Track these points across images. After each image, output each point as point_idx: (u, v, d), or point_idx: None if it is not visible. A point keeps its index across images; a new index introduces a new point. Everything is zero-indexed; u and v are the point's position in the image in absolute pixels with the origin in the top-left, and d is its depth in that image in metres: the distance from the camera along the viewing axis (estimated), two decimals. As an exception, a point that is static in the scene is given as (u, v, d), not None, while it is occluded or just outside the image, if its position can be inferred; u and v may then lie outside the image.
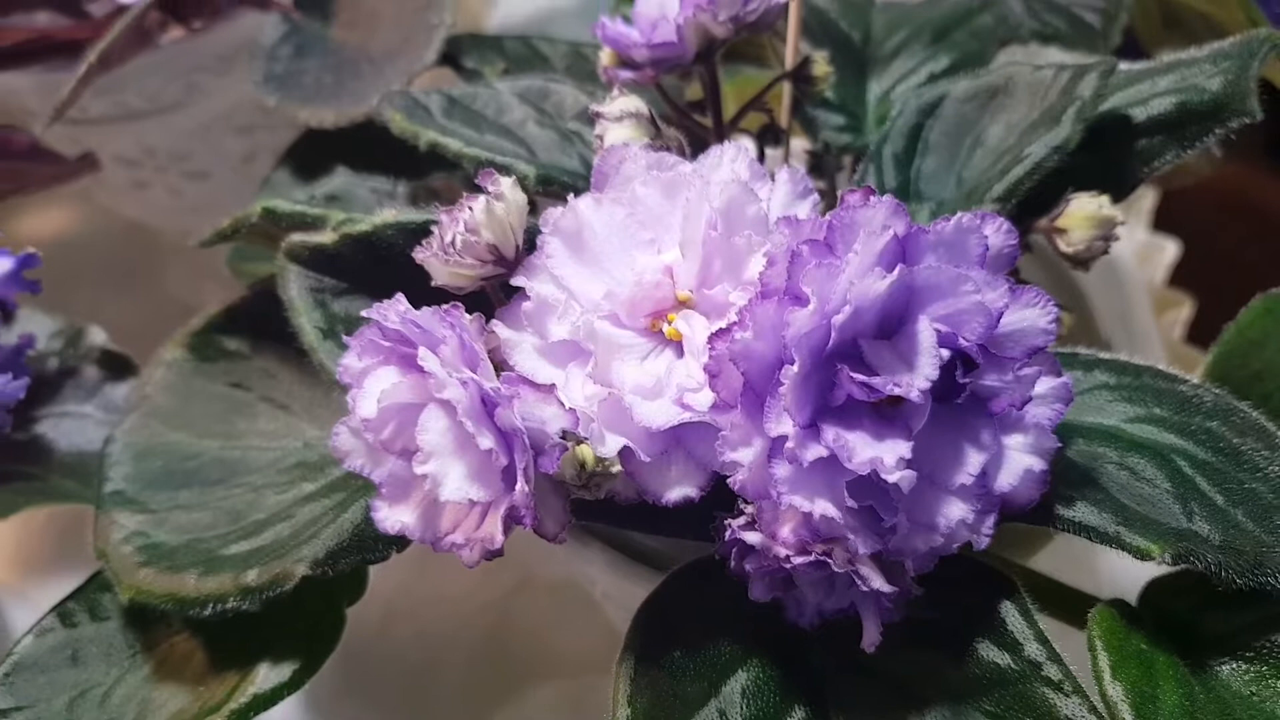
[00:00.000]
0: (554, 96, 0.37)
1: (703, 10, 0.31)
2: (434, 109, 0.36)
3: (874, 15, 0.41)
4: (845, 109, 0.38)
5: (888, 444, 0.22)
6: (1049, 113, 0.30)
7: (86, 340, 0.41)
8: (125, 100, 0.58)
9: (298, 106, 0.44)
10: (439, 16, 0.41)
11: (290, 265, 0.31)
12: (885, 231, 0.23)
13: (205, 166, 0.63)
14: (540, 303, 0.26)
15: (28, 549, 0.62)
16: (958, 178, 0.33)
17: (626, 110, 0.29)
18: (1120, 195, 0.32)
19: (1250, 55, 0.31)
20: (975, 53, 0.38)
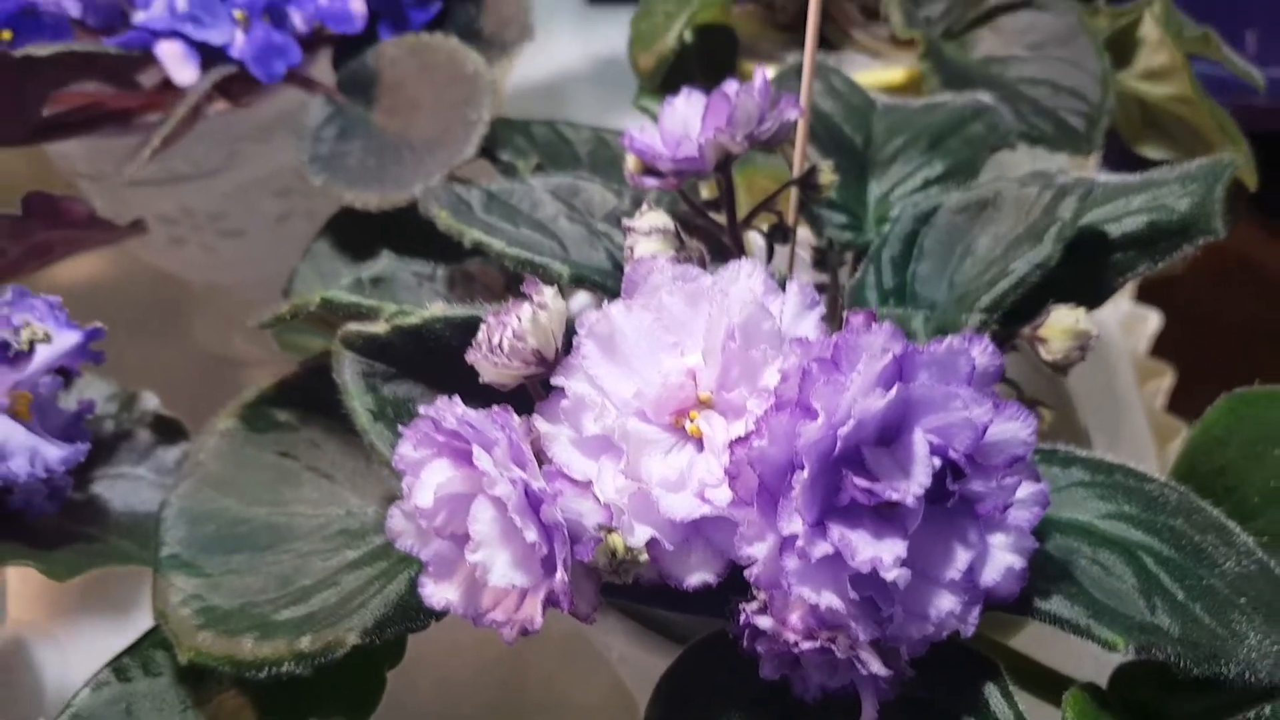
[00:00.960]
0: (583, 194, 0.41)
1: (721, 132, 0.35)
2: (475, 204, 0.40)
3: (875, 120, 0.45)
4: (847, 209, 0.42)
5: (886, 543, 0.26)
6: (1032, 229, 0.34)
7: (140, 405, 0.44)
8: (170, 165, 0.61)
9: (343, 188, 0.47)
10: (477, 113, 0.45)
11: (345, 352, 0.34)
12: (885, 354, 0.26)
13: (240, 225, 0.67)
14: (576, 400, 0.30)
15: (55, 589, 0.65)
16: (950, 282, 0.36)
17: (654, 226, 0.32)
18: (1097, 303, 0.36)
19: (1215, 179, 0.35)
20: (967, 160, 0.41)
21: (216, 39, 0.49)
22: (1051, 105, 0.48)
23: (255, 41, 0.50)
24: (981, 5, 0.52)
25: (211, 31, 0.49)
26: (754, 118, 0.36)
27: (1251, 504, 0.34)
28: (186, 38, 0.49)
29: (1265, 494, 0.34)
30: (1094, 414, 0.66)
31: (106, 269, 0.85)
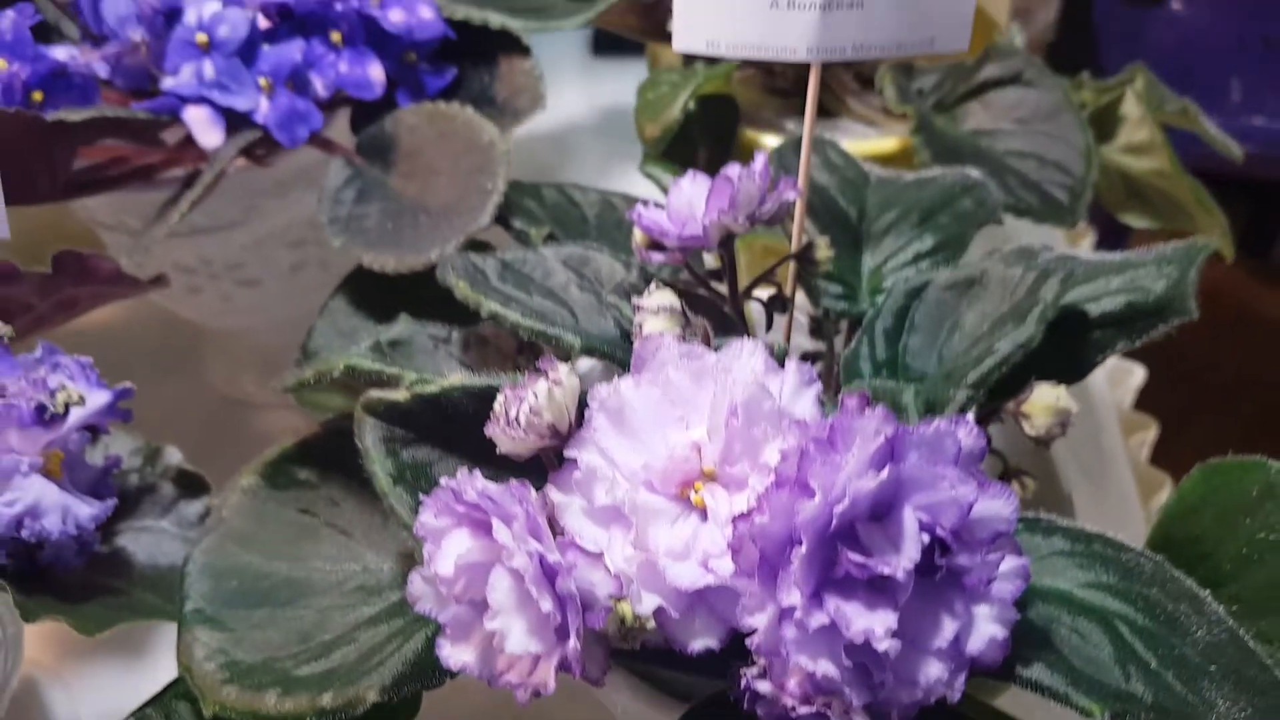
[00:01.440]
0: (592, 263, 0.43)
1: (724, 214, 0.37)
2: (490, 273, 0.42)
3: (869, 193, 0.47)
4: (843, 280, 0.44)
5: (879, 615, 0.27)
6: (1017, 310, 0.36)
7: (163, 459, 0.45)
8: (190, 219, 0.63)
9: (362, 250, 0.49)
10: (493, 182, 0.47)
11: (368, 418, 0.36)
12: (878, 436, 0.28)
13: (256, 275, 0.69)
14: (588, 472, 0.31)
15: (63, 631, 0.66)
16: (939, 355, 0.38)
17: (662, 305, 0.35)
18: (1077, 378, 0.38)
19: (1189, 263, 0.37)
20: (956, 236, 0.44)
21: (242, 105, 0.52)
22: (1037, 179, 0.50)
23: (279, 108, 0.52)
24: (971, 80, 0.54)
25: (237, 98, 0.52)
26: (755, 200, 0.38)
27: (1224, 570, 0.36)
28: (213, 103, 0.52)
29: (1237, 561, 0.36)
30: (1080, 466, 0.68)
31: (120, 311, 0.87)
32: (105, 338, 0.86)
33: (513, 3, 0.58)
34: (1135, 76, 0.55)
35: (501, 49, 0.58)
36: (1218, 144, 0.54)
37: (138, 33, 0.53)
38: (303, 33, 0.55)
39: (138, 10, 0.53)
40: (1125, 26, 2.05)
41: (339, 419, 0.42)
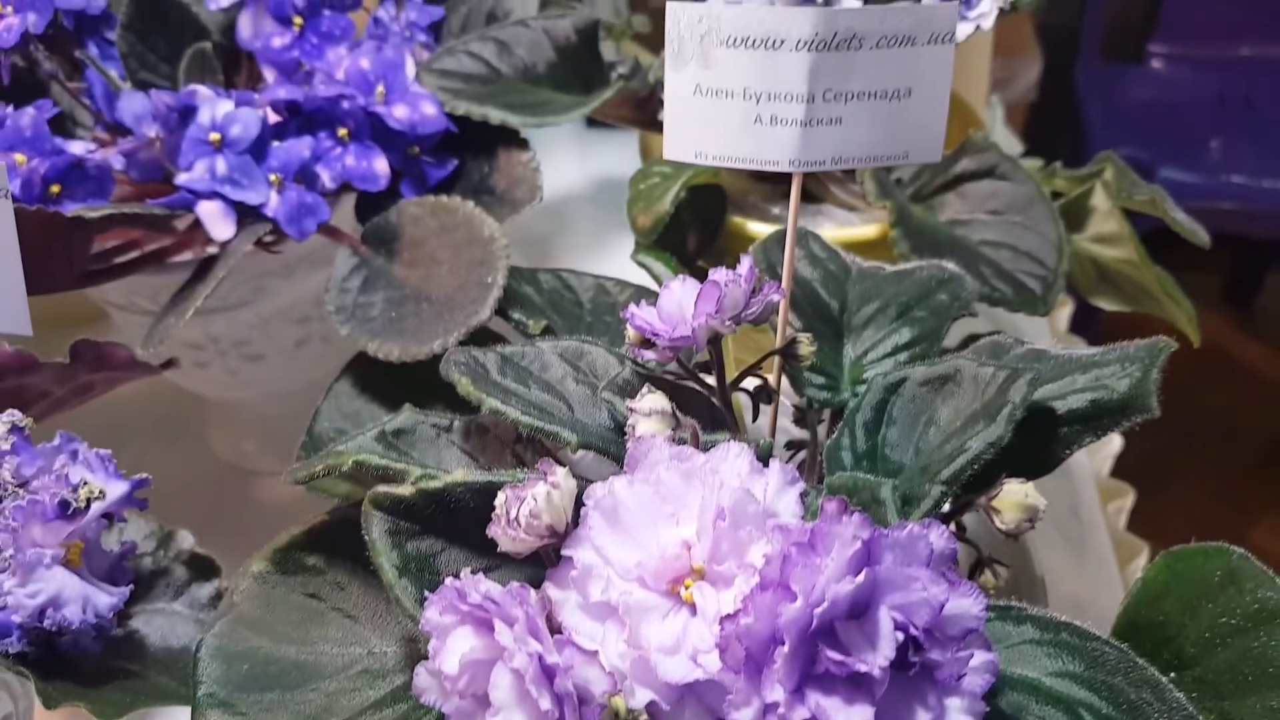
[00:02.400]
0: (587, 357, 0.45)
1: (712, 317, 0.40)
2: (490, 367, 0.44)
3: (850, 286, 0.50)
4: (825, 371, 0.46)
5: (856, 709, 0.29)
6: (988, 408, 0.38)
7: (176, 543, 0.47)
8: (199, 301, 0.66)
9: (366, 340, 0.52)
10: (493, 276, 0.49)
11: (374, 511, 0.38)
12: (855, 541, 0.30)
13: (262, 351, 0.71)
14: (584, 570, 0.33)
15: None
16: (916, 448, 0.41)
17: (653, 408, 0.37)
18: (1047, 470, 0.40)
19: (1152, 363, 0.40)
20: (932, 329, 0.46)
21: (253, 199, 0.54)
22: (1011, 269, 0.53)
23: (288, 202, 0.55)
24: (948, 172, 0.57)
25: (249, 193, 0.54)
26: (740, 303, 0.41)
27: (1188, 654, 0.38)
28: (225, 198, 0.54)
29: (1200, 644, 0.38)
30: (1060, 533, 0.70)
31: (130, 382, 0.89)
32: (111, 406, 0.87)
33: (511, 98, 0.61)
34: (1105, 166, 0.58)
35: (501, 142, 0.61)
36: (1184, 231, 0.56)
37: (153, 129, 0.56)
38: (311, 128, 0.58)
39: (153, 108, 0.56)
40: (1106, 84, 2.11)
41: (345, 507, 0.44)
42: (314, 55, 0.63)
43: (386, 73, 0.60)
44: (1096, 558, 0.68)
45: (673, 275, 0.56)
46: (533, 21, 0.64)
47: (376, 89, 0.59)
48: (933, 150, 0.43)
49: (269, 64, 0.62)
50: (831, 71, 0.40)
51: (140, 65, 0.68)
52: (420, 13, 0.67)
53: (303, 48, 0.64)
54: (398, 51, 0.60)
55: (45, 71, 0.64)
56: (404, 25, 0.67)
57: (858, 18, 0.40)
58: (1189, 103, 2.06)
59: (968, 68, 0.84)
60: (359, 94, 0.58)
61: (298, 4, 0.63)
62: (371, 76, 0.59)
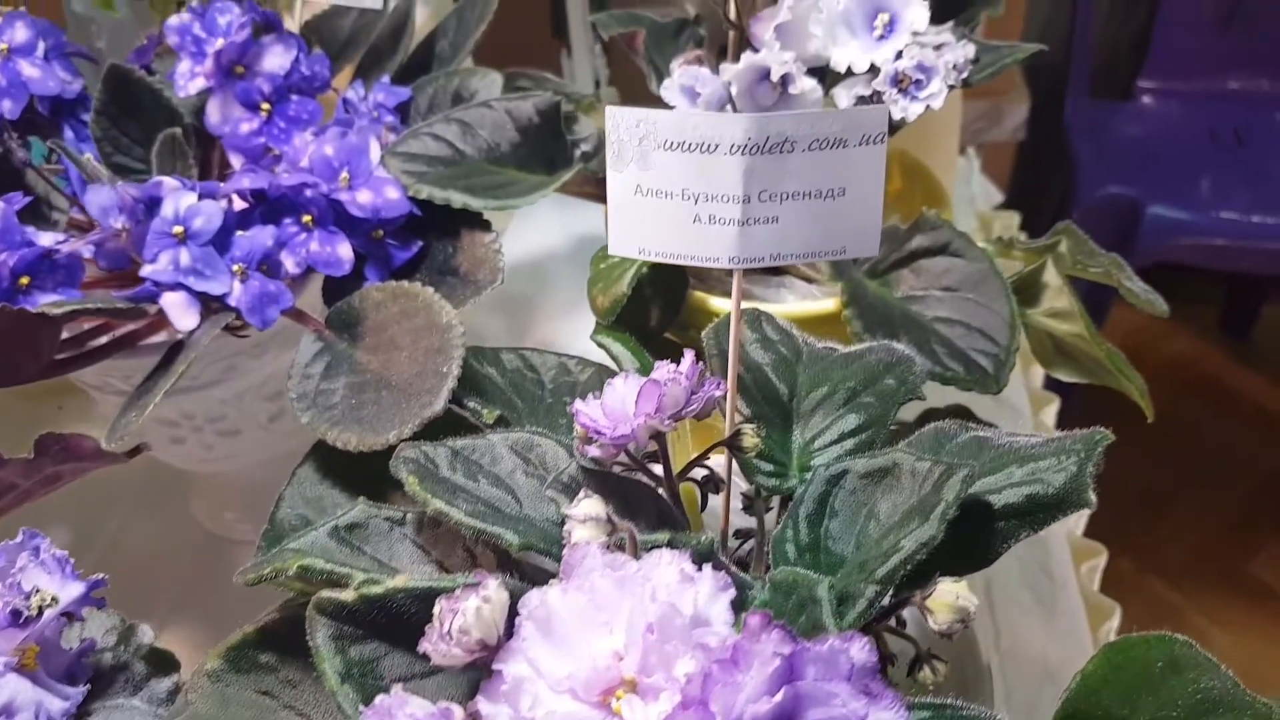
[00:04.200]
0: (538, 449, 0.46)
1: (651, 417, 0.40)
2: (440, 462, 0.45)
3: (801, 370, 0.50)
4: (774, 458, 0.47)
5: (777, 829, 0.29)
6: (924, 504, 0.39)
7: (136, 638, 0.48)
8: (171, 381, 0.66)
9: (327, 428, 0.52)
10: (448, 366, 0.50)
11: (318, 616, 0.39)
12: (776, 657, 0.31)
13: (237, 426, 0.72)
14: (514, 683, 0.34)
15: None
16: (857, 541, 0.41)
17: (589, 514, 0.37)
18: (985, 564, 0.40)
19: (1088, 457, 0.40)
20: (879, 415, 0.47)
21: (216, 290, 0.55)
22: (964, 346, 0.53)
23: (251, 292, 0.56)
24: (903, 249, 0.58)
25: (212, 283, 0.55)
26: (681, 401, 0.41)
27: (1129, 750, 0.38)
28: (189, 289, 0.55)
29: (1141, 738, 0.38)
30: (1032, 594, 0.70)
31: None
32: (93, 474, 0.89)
33: (474, 180, 0.62)
34: (1061, 238, 0.58)
35: (464, 223, 0.62)
36: (1140, 302, 0.57)
37: (119, 221, 0.57)
38: (276, 214, 0.59)
39: (119, 201, 0.57)
40: (1096, 121, 2.12)
41: (296, 604, 0.44)
42: (281, 140, 0.65)
43: (351, 158, 0.61)
44: (1068, 618, 0.68)
45: (631, 356, 0.57)
46: (496, 103, 0.65)
47: (341, 175, 0.60)
48: (869, 245, 0.43)
49: (235, 151, 0.63)
50: (766, 173, 0.41)
51: (114, 149, 0.70)
52: (388, 94, 0.69)
53: (270, 132, 0.65)
54: (362, 137, 0.61)
55: (19, 160, 0.66)
56: (372, 106, 0.69)
57: (789, 123, 0.40)
58: (1179, 138, 2.08)
59: (937, 126, 0.85)
60: (323, 181, 0.60)
61: (264, 90, 0.64)
62: (336, 162, 0.61)
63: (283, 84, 0.65)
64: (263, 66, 0.65)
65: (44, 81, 0.68)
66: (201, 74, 0.63)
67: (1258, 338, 2.48)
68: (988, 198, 1.12)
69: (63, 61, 0.72)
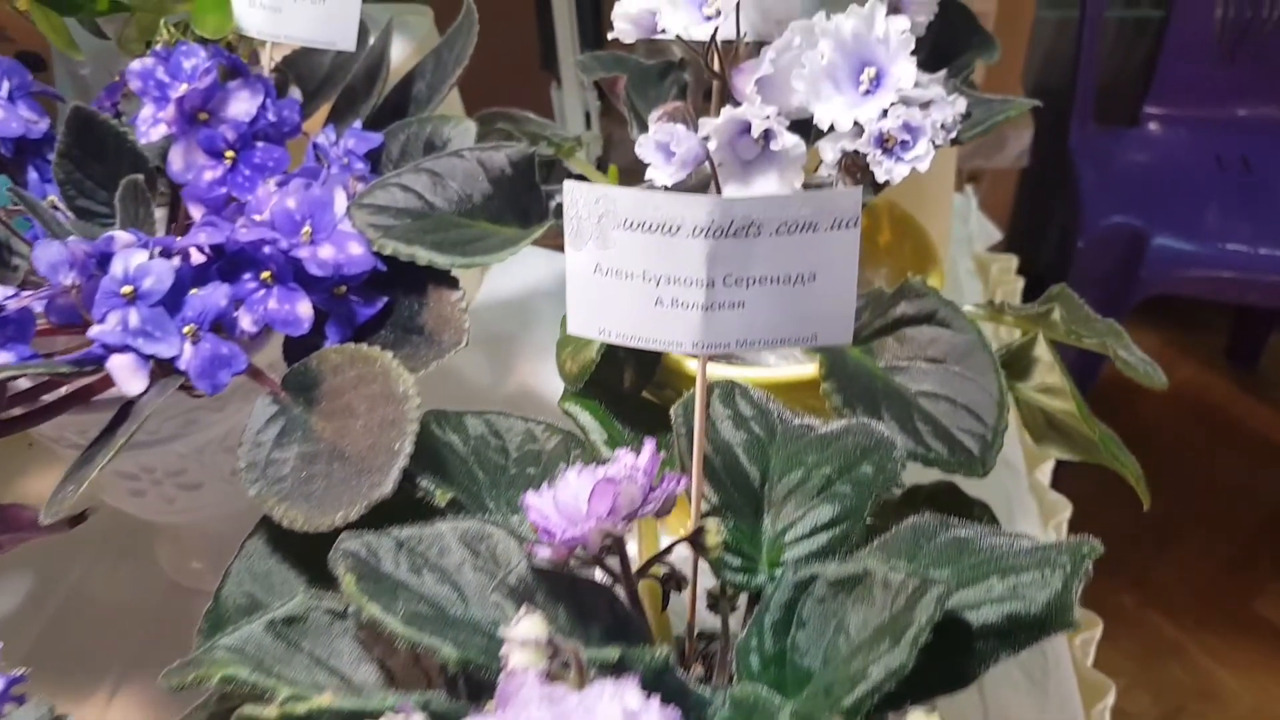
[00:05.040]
0: (489, 540, 0.43)
1: (603, 520, 0.37)
2: (384, 554, 0.42)
3: (774, 451, 0.47)
4: (741, 551, 0.44)
5: None
6: (896, 623, 0.36)
7: (62, 731, 0.45)
8: (125, 436, 0.64)
9: (274, 502, 0.50)
10: (400, 442, 0.47)
11: (241, 734, 0.36)
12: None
13: (198, 479, 0.69)
14: (443, 826, 0.31)
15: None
16: (825, 656, 0.38)
17: (528, 637, 0.35)
18: (961, 686, 0.37)
19: (1073, 571, 0.37)
20: (855, 506, 0.44)
21: (166, 352, 0.53)
22: (948, 424, 0.50)
23: (202, 355, 0.53)
24: (887, 316, 0.55)
25: (161, 345, 0.53)
26: (637, 500, 0.38)
27: None
28: (137, 351, 0.53)
29: None
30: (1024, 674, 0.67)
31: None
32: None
33: (442, 235, 0.59)
34: (1054, 306, 0.56)
35: (431, 279, 0.59)
36: (1138, 375, 0.54)
37: (69, 277, 0.55)
38: (235, 270, 0.57)
39: (69, 256, 0.54)
40: (1101, 148, 2.09)
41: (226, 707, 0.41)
42: (245, 188, 0.62)
43: (314, 212, 0.58)
44: (1060, 699, 0.65)
45: (599, 427, 0.54)
46: (468, 153, 0.62)
47: (303, 228, 0.58)
48: (842, 332, 0.41)
49: (195, 201, 0.61)
50: (731, 257, 0.39)
51: (78, 192, 0.68)
52: (359, 140, 0.66)
53: (234, 181, 0.63)
54: (326, 190, 0.58)
55: (-26, 207, 0.63)
56: (343, 152, 0.66)
57: (755, 206, 0.38)
58: (1185, 165, 2.04)
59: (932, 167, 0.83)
60: (284, 235, 0.57)
61: (228, 137, 0.62)
62: (298, 216, 0.58)
63: (248, 131, 0.62)
64: (228, 112, 0.63)
65: (7, 122, 0.66)
66: (164, 120, 0.61)
67: (1265, 367, 2.44)
68: (986, 236, 1.09)
69: (28, 101, 0.70)
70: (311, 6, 0.65)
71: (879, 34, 0.54)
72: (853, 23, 0.54)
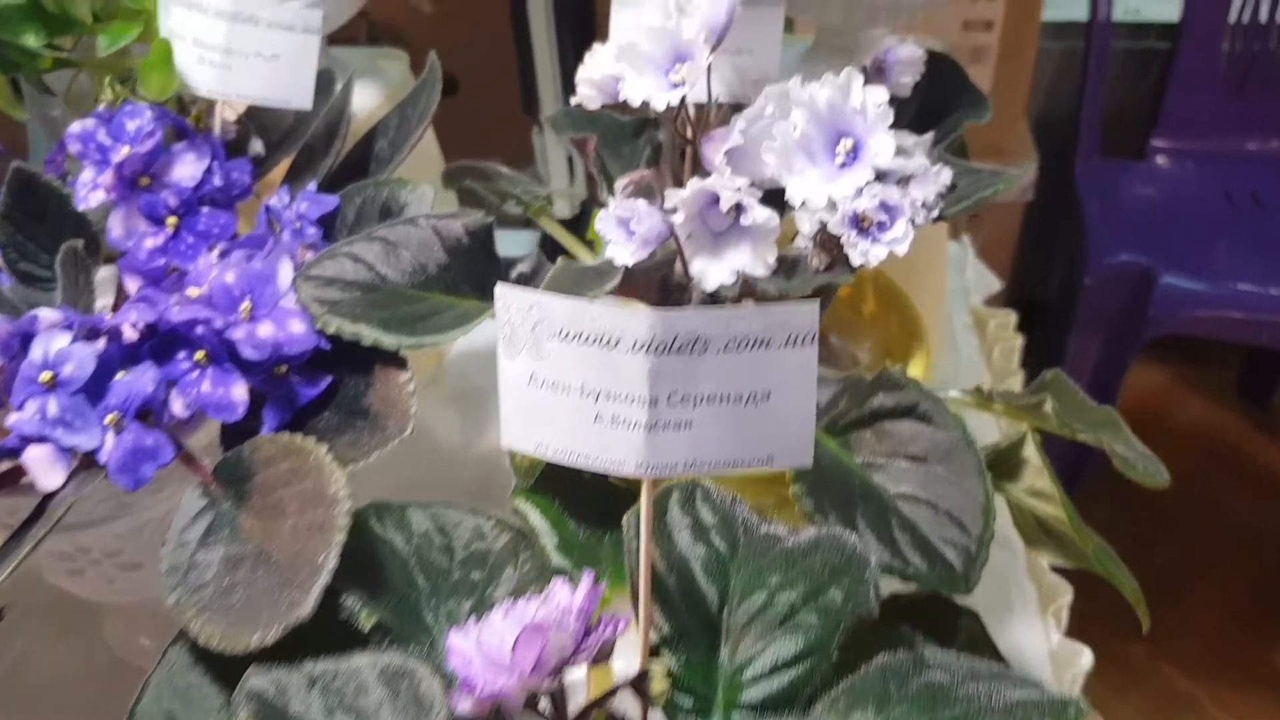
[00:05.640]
0: (410, 679, 0.39)
1: (528, 676, 0.33)
2: (293, 693, 0.38)
3: (735, 570, 0.43)
4: (695, 690, 0.40)
5: None
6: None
7: None
8: (58, 518, 0.60)
9: (193, 614, 0.46)
10: (324, 556, 0.44)
11: None
12: None
13: (137, 560, 0.65)
14: None
15: None
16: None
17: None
18: None
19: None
20: (822, 639, 0.39)
21: (86, 444, 0.49)
22: (929, 534, 0.46)
23: (123, 447, 0.49)
24: (864, 407, 0.51)
25: (81, 436, 0.49)
26: (568, 649, 0.34)
27: None
28: (56, 443, 0.49)
29: None
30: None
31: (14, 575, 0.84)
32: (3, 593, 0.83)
33: (392, 310, 0.55)
34: (1046, 397, 0.51)
35: (379, 358, 0.55)
36: (1138, 474, 0.50)
37: (-12, 359, 0.51)
38: (168, 349, 0.53)
39: (-11, 338, 0.51)
40: (1107, 181, 2.05)
41: None
42: (188, 257, 0.59)
43: (254, 287, 0.54)
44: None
45: (551, 529, 0.50)
46: (423, 220, 0.58)
47: (242, 304, 0.54)
48: (802, 455, 0.37)
49: (131, 273, 0.57)
50: (675, 374, 0.35)
51: (20, 255, 0.64)
52: (312, 204, 0.63)
53: (176, 249, 0.59)
54: (269, 262, 0.55)
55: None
56: (295, 216, 0.62)
57: (700, 321, 0.34)
58: (1194, 200, 2.00)
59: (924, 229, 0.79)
60: (220, 313, 0.53)
61: (170, 203, 0.58)
62: (237, 291, 0.54)
63: (192, 196, 0.59)
64: (172, 176, 0.59)
65: (-56, 183, 0.63)
66: (102, 186, 0.57)
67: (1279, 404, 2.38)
68: (985, 286, 1.05)
69: (-32, 158, 0.66)
70: (264, 64, 0.61)
71: (856, 104, 0.50)
72: (828, 92, 0.51)
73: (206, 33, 0.59)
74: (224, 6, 0.59)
